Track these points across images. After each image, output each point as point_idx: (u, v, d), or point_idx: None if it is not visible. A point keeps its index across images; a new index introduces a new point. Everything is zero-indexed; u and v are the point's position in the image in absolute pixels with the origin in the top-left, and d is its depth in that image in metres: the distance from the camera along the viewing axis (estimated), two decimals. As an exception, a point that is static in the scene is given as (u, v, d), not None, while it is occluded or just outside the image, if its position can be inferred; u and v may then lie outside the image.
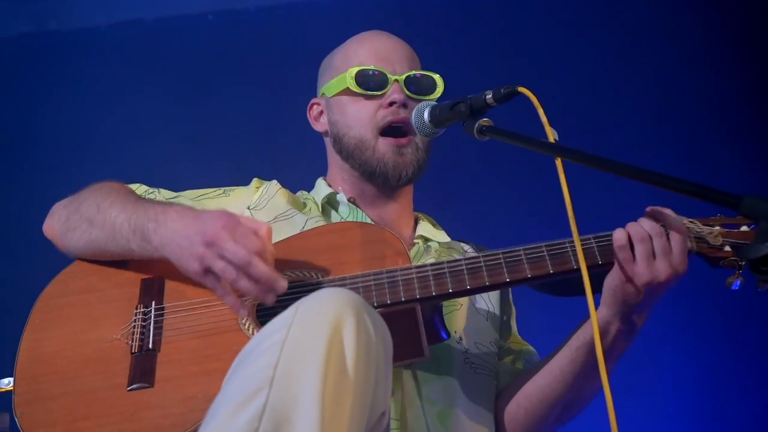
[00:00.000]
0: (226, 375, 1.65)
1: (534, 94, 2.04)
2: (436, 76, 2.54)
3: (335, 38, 2.71)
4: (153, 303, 2.14)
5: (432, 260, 2.40)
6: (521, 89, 2.06)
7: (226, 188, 2.52)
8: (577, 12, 4.57)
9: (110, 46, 4.64)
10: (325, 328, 1.57)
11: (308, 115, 2.68)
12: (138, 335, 2.07)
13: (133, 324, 2.10)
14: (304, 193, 2.61)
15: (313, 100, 2.67)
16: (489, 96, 2.12)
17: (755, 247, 1.57)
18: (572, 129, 3.89)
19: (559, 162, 1.93)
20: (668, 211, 2.11)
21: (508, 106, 2.12)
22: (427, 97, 2.50)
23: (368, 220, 2.46)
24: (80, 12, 4.68)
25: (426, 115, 2.26)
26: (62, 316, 2.15)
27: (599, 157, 1.90)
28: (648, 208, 2.11)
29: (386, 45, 2.58)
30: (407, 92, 2.48)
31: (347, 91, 2.51)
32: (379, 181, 2.49)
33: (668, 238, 2.05)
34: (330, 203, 2.54)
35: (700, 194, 1.69)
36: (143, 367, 2.02)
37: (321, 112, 2.63)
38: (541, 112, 2.00)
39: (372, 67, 2.50)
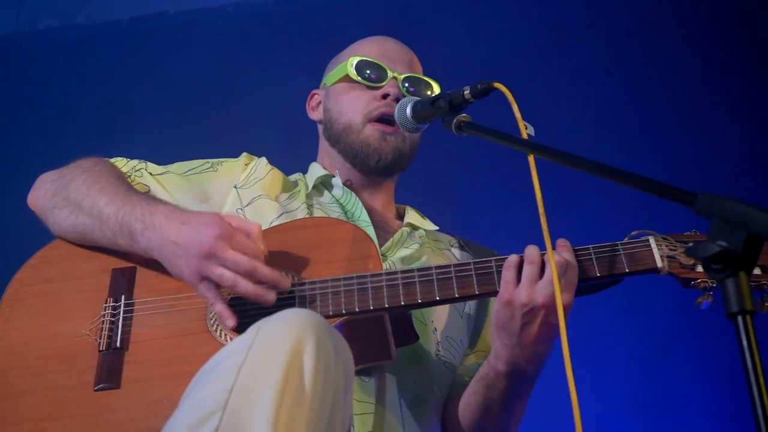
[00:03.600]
0: (185, 391, 1.64)
1: (510, 90, 2.05)
2: (435, 83, 2.58)
3: (354, 29, 2.76)
4: (123, 297, 2.13)
5: (416, 246, 2.45)
6: (497, 85, 2.08)
7: (214, 161, 2.52)
8: (566, 13, 4.55)
9: (133, 39, 4.72)
10: (284, 352, 1.56)
11: (307, 105, 2.74)
12: (106, 332, 2.07)
13: (102, 319, 2.10)
14: (298, 174, 2.64)
15: (314, 91, 2.75)
16: (467, 92, 2.13)
17: (705, 245, 1.55)
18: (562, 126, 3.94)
19: (531, 158, 1.94)
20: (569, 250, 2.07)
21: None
22: None
23: (360, 204, 2.48)
24: (105, 6, 4.77)
25: (408, 110, 2.30)
26: (33, 305, 2.15)
27: (569, 153, 1.89)
28: (558, 241, 2.07)
29: (393, 47, 2.64)
30: (404, 91, 2.51)
31: (346, 78, 2.57)
32: (359, 164, 2.53)
33: (565, 270, 2.01)
34: (324, 184, 2.57)
35: (658, 191, 1.69)
36: (110, 367, 2.01)
37: (319, 102, 2.69)
38: (515, 108, 2.02)
39: (373, 59, 2.55)
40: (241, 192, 2.44)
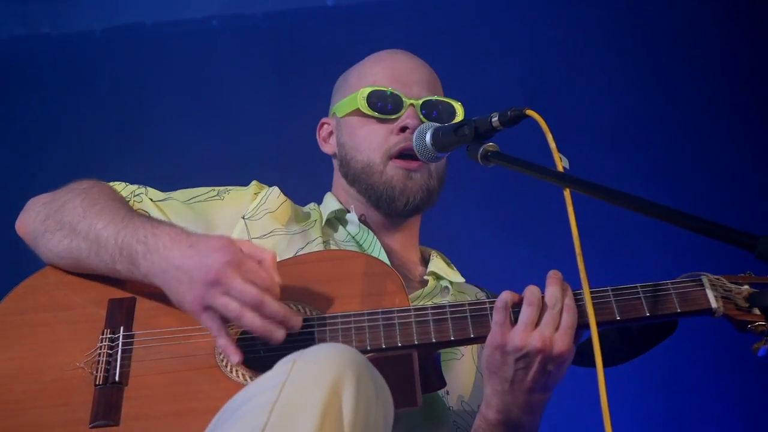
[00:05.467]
0: (207, 429, 1.53)
1: (543, 118, 1.92)
2: (457, 104, 2.43)
3: (346, 46, 2.63)
4: (121, 329, 1.99)
5: (447, 302, 2.28)
6: (529, 112, 1.95)
7: (221, 189, 2.38)
8: (604, 35, 4.48)
9: (107, 50, 4.54)
10: (322, 391, 1.46)
11: (317, 135, 2.58)
12: (103, 365, 1.93)
13: (99, 351, 1.96)
14: (313, 205, 2.50)
15: (323, 120, 2.58)
16: (495, 119, 2.00)
17: (773, 293, 1.49)
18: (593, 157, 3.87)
19: (567, 193, 1.83)
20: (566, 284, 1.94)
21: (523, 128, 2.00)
22: None
23: (378, 244, 2.35)
24: (75, 16, 4.58)
25: (428, 137, 2.16)
26: (19, 336, 2.01)
27: (609, 188, 1.81)
28: (550, 273, 1.95)
29: (405, 66, 2.48)
30: (422, 118, 2.36)
31: (358, 112, 2.41)
32: (384, 207, 2.38)
33: (561, 313, 1.89)
34: (338, 219, 2.43)
35: (711, 233, 1.60)
36: (108, 402, 1.88)
37: (330, 133, 2.54)
38: (550, 137, 1.89)
39: (386, 89, 2.40)
40: (249, 224, 2.30)
